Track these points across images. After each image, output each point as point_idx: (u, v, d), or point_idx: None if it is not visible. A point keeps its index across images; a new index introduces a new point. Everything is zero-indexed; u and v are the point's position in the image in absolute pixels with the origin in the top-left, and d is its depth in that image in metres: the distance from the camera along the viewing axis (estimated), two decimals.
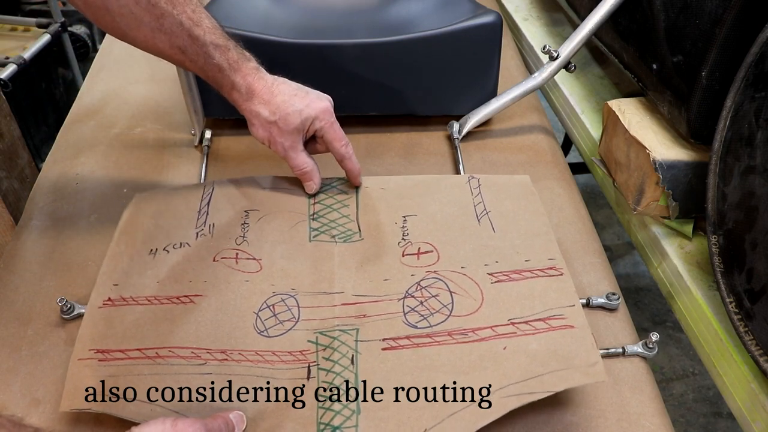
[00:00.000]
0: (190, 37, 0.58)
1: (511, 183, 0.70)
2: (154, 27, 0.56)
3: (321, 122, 0.64)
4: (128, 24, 0.56)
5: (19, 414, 0.53)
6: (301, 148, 0.65)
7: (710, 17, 0.65)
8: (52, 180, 0.77)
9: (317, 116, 0.64)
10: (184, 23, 0.57)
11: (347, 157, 0.66)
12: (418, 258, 0.62)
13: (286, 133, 0.63)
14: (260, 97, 0.62)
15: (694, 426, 1.35)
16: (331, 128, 0.65)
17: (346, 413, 0.49)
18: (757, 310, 0.56)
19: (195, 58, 0.59)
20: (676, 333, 1.50)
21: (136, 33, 0.57)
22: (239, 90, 0.62)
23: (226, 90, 0.63)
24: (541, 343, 0.53)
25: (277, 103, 0.62)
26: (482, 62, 0.82)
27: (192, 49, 0.59)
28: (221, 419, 0.47)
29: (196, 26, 0.58)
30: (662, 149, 0.71)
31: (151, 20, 0.56)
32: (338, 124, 0.65)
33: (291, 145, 0.64)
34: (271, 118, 0.63)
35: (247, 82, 0.62)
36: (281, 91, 0.63)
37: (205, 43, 0.59)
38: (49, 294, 0.62)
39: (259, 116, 0.63)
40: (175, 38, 0.57)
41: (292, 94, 0.63)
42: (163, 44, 0.58)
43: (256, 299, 0.58)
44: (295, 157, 0.65)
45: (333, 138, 0.65)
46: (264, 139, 0.65)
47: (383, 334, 0.55)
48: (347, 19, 0.88)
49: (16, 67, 1.44)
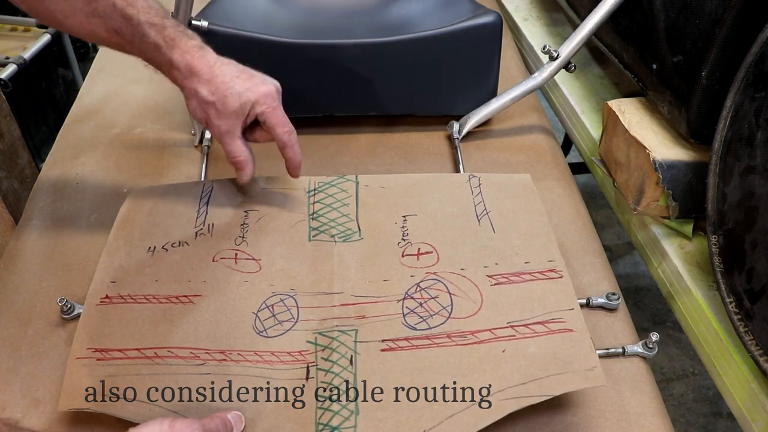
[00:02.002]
0: (123, 17, 0.56)
1: (512, 182, 0.70)
2: (88, 12, 0.55)
3: (262, 107, 0.61)
4: (62, 11, 0.55)
5: (19, 414, 0.53)
6: (238, 134, 0.62)
7: (710, 17, 0.65)
8: (52, 180, 0.77)
9: (258, 100, 0.60)
10: (116, 4, 0.56)
11: (289, 144, 0.63)
12: (417, 259, 0.62)
13: (223, 116, 0.60)
14: (200, 75, 0.59)
15: (694, 426, 1.34)
16: (273, 113, 0.61)
17: (344, 413, 0.49)
18: (757, 310, 0.56)
19: (131, 38, 0.58)
20: (676, 333, 1.50)
21: (72, 20, 0.56)
22: (178, 67, 0.59)
23: (166, 69, 0.60)
24: (540, 347, 0.53)
25: (217, 83, 0.59)
26: (482, 62, 0.81)
27: (127, 30, 0.57)
28: (219, 419, 0.47)
29: (130, 6, 0.56)
30: (662, 149, 0.71)
31: (83, 5, 0.55)
32: (282, 110, 0.62)
33: (228, 129, 0.61)
34: (209, 98, 0.60)
35: (185, 60, 0.59)
36: (223, 71, 0.60)
37: (140, 22, 0.57)
38: (49, 294, 0.62)
39: (197, 95, 0.60)
40: (109, 20, 0.56)
41: (234, 76, 0.60)
42: (99, 28, 0.57)
43: (256, 299, 0.58)
44: (230, 143, 0.62)
45: (275, 123, 0.62)
46: (201, 119, 0.62)
47: (382, 336, 0.55)
48: (347, 19, 0.88)
49: (16, 67, 1.44)
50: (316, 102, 0.82)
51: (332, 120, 0.84)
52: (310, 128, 0.85)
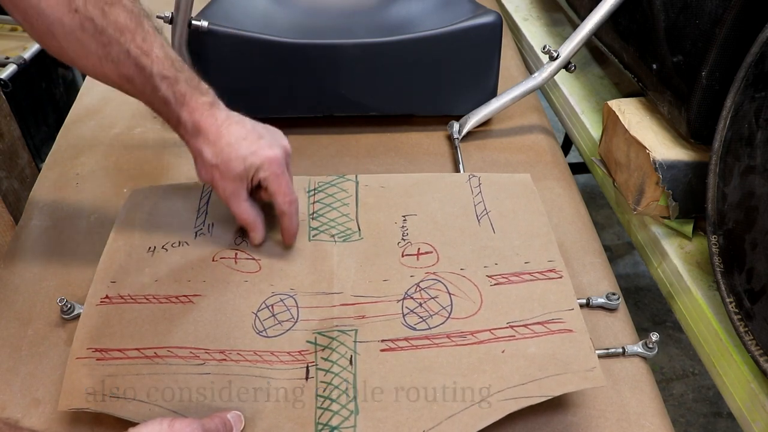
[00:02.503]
0: (137, 66, 0.54)
1: (512, 182, 0.70)
2: (101, 55, 0.53)
3: (266, 172, 0.58)
4: (75, 51, 0.54)
5: (19, 414, 0.53)
6: (244, 197, 0.60)
7: (710, 17, 0.65)
8: (52, 180, 0.77)
9: (261, 166, 0.58)
10: (131, 51, 0.54)
11: (288, 214, 0.61)
12: (417, 259, 0.62)
13: (227, 179, 0.58)
14: (206, 136, 0.58)
15: (694, 426, 1.35)
16: (275, 180, 0.59)
17: (344, 413, 0.49)
18: (757, 310, 0.56)
19: (142, 88, 0.56)
20: (676, 333, 1.50)
21: (85, 61, 0.54)
22: (185, 126, 0.58)
23: (173, 125, 0.59)
24: (539, 347, 0.53)
25: (222, 146, 0.57)
26: (482, 62, 0.81)
27: (139, 80, 0.55)
28: (219, 419, 0.47)
29: (144, 55, 0.54)
30: (662, 149, 0.71)
31: (98, 48, 0.53)
32: (287, 176, 0.60)
33: (233, 192, 0.59)
34: (213, 161, 0.58)
35: (193, 119, 0.57)
36: (231, 132, 0.58)
37: (152, 74, 0.55)
38: (49, 294, 0.62)
39: (202, 155, 0.58)
40: (121, 67, 0.54)
41: (241, 138, 0.58)
42: (111, 73, 0.55)
43: (255, 299, 0.58)
44: (236, 205, 0.60)
45: (276, 191, 0.59)
46: (207, 181, 0.60)
47: (382, 336, 0.55)
48: (347, 19, 0.88)
49: (16, 67, 1.44)
50: (316, 102, 0.82)
51: (332, 120, 0.84)
52: (310, 128, 0.85)
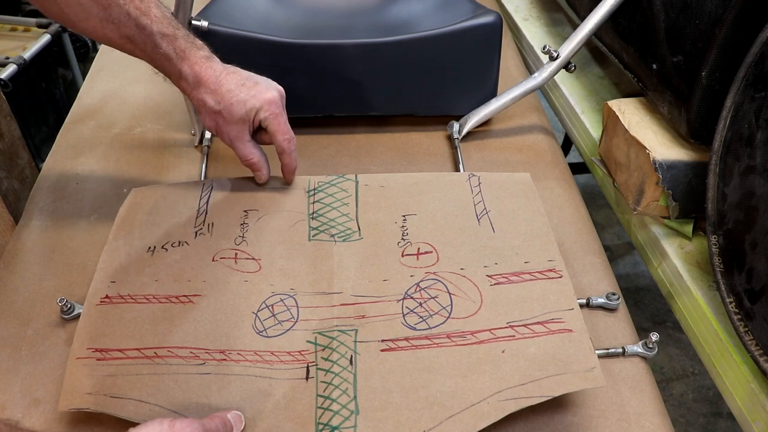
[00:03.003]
0: (137, 26, 0.58)
1: (511, 181, 0.70)
2: (102, 17, 0.57)
3: (265, 113, 0.64)
4: (76, 14, 0.56)
5: (19, 414, 0.53)
6: (247, 138, 0.65)
7: (710, 17, 0.65)
8: (52, 180, 0.77)
9: (261, 107, 0.63)
10: (131, 13, 0.57)
11: (287, 151, 0.66)
12: (417, 258, 0.62)
13: (230, 123, 0.63)
14: (207, 86, 0.62)
15: (694, 426, 1.34)
16: (275, 120, 0.64)
17: (344, 413, 0.49)
18: (757, 310, 0.56)
19: (143, 47, 0.60)
20: (676, 333, 1.50)
21: (85, 23, 0.57)
22: (186, 79, 0.62)
23: (175, 79, 0.63)
24: (539, 347, 0.53)
25: (223, 92, 0.62)
26: (482, 62, 0.81)
27: (140, 39, 0.59)
28: (219, 419, 0.47)
29: (144, 15, 0.58)
30: (662, 149, 0.71)
31: (98, 11, 0.56)
32: (285, 116, 0.65)
33: (236, 135, 0.64)
34: (216, 108, 0.62)
35: (194, 71, 0.62)
36: (229, 80, 0.63)
37: (152, 33, 0.59)
38: (49, 294, 0.62)
39: (205, 105, 0.63)
40: (123, 28, 0.58)
41: (240, 84, 0.63)
42: (112, 34, 0.58)
43: (255, 299, 0.58)
44: (242, 148, 0.65)
45: (276, 130, 0.65)
46: (211, 128, 0.65)
47: (382, 336, 0.55)
48: (347, 19, 0.88)
49: (16, 67, 1.44)
50: (316, 102, 0.82)
51: (332, 120, 0.84)
52: (310, 128, 0.85)
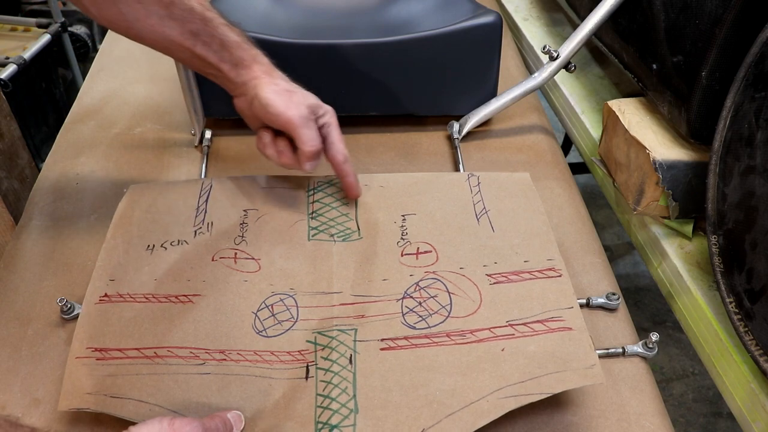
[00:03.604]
0: (203, 20, 0.58)
1: (511, 181, 0.70)
2: (163, 15, 0.57)
3: (332, 118, 0.64)
4: (136, 14, 0.56)
5: (19, 414, 0.53)
6: (314, 123, 0.62)
7: (710, 17, 0.65)
8: (52, 180, 0.77)
9: (330, 110, 0.64)
10: (195, 8, 0.58)
11: (349, 160, 0.65)
12: (417, 258, 0.62)
13: (303, 104, 0.62)
14: (280, 75, 0.63)
15: (694, 426, 1.35)
16: (337, 129, 0.64)
17: (344, 412, 0.49)
18: (757, 310, 0.56)
19: (208, 39, 0.59)
20: (676, 333, 1.50)
21: (143, 23, 0.57)
22: (261, 63, 0.62)
23: (247, 63, 0.62)
24: (539, 345, 0.53)
25: (296, 85, 0.63)
26: (482, 62, 0.81)
27: (205, 32, 0.59)
28: (219, 419, 0.47)
29: (208, 11, 0.59)
30: (662, 149, 0.71)
31: (159, 8, 0.56)
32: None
33: (307, 117, 0.61)
34: (291, 88, 0.62)
35: (268, 60, 0.63)
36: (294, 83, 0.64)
37: (219, 24, 0.59)
38: (49, 294, 0.62)
39: (279, 84, 0.62)
40: (187, 23, 0.58)
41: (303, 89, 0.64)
42: (173, 31, 0.58)
43: (255, 299, 0.58)
44: (309, 131, 0.61)
45: (339, 139, 0.64)
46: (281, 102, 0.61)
47: (382, 335, 0.55)
48: (347, 19, 0.88)
49: (16, 67, 1.44)
50: None
51: None
52: None
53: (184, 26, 0.58)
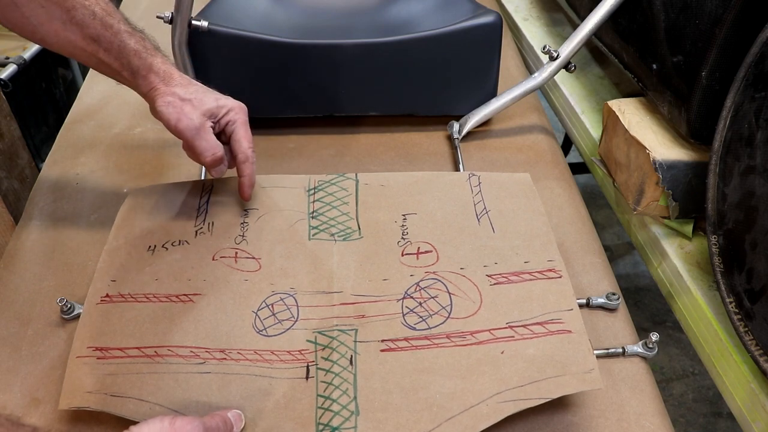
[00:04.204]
0: (103, 25, 0.58)
1: (511, 181, 0.70)
2: (65, 19, 0.56)
3: (236, 115, 0.62)
4: (38, 18, 0.56)
5: (19, 414, 0.53)
6: (210, 130, 0.61)
7: (710, 17, 0.65)
8: (52, 180, 0.77)
9: (233, 108, 0.62)
10: (96, 13, 0.57)
11: (252, 160, 0.63)
12: (417, 258, 0.62)
13: (198, 111, 0.60)
14: (178, 82, 0.61)
15: (694, 426, 1.34)
16: (243, 125, 0.63)
17: (345, 414, 0.49)
18: (757, 310, 0.56)
19: (109, 45, 0.58)
20: (676, 333, 1.50)
21: (47, 28, 0.56)
22: (158, 72, 0.60)
23: (144, 72, 0.60)
24: (538, 348, 0.53)
25: (196, 88, 0.62)
26: (482, 62, 0.81)
27: (106, 37, 0.58)
28: (219, 418, 0.47)
29: (109, 16, 0.58)
30: (662, 149, 0.71)
31: (62, 13, 0.56)
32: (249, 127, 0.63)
33: (201, 125, 0.60)
34: (185, 96, 0.60)
35: (167, 67, 0.61)
36: (200, 84, 0.62)
37: (120, 31, 0.58)
38: (49, 294, 0.62)
39: (174, 93, 0.60)
40: (87, 28, 0.57)
41: (210, 90, 0.63)
42: (75, 36, 0.57)
43: (255, 298, 0.58)
44: (207, 139, 0.60)
45: (243, 136, 0.63)
46: (172, 114, 0.60)
47: (382, 335, 0.55)
48: (347, 19, 0.88)
49: (16, 67, 1.44)
50: (316, 102, 0.82)
51: (332, 120, 0.84)
52: (310, 128, 0.85)
53: (85, 31, 0.57)
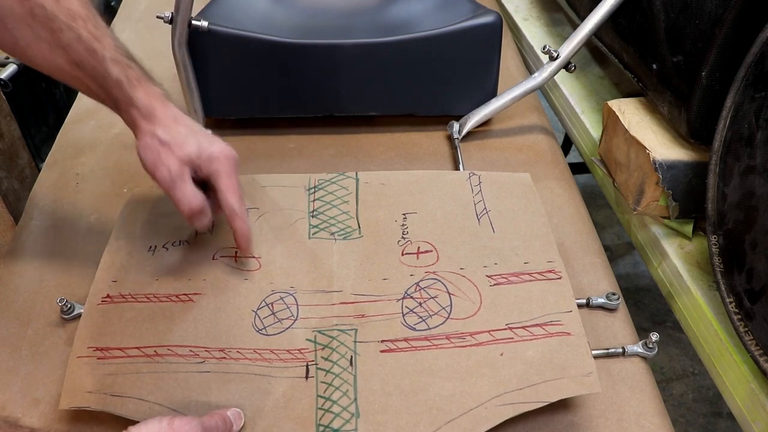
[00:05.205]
0: (88, 50, 0.54)
1: (512, 181, 0.70)
2: (51, 41, 0.53)
3: (219, 165, 0.56)
4: (26, 39, 0.53)
5: (19, 414, 0.53)
6: (190, 180, 0.55)
7: (710, 17, 0.65)
8: (52, 180, 0.77)
9: (217, 157, 0.56)
10: (82, 36, 0.54)
11: (239, 214, 0.57)
12: (417, 258, 0.62)
13: (176, 157, 0.54)
14: (161, 119, 0.55)
15: (694, 426, 1.34)
16: (228, 176, 0.56)
17: (345, 416, 0.49)
18: (757, 310, 0.56)
19: (92, 72, 0.55)
20: (676, 333, 1.50)
21: (35, 49, 0.54)
22: (138, 107, 0.55)
23: (124, 106, 0.56)
24: (537, 350, 0.53)
25: (179, 130, 0.55)
26: (482, 62, 0.81)
27: (89, 63, 0.54)
28: (218, 417, 0.47)
29: (96, 40, 0.54)
30: (662, 149, 0.71)
31: (48, 34, 0.53)
32: (237, 179, 0.57)
33: (179, 173, 0.54)
34: (164, 138, 0.55)
35: (149, 102, 0.56)
36: (186, 123, 0.57)
37: (104, 58, 0.54)
38: (49, 294, 0.62)
39: (153, 134, 0.55)
40: (72, 52, 0.54)
41: (197, 131, 0.57)
42: (61, 59, 0.54)
43: (255, 297, 0.58)
44: (184, 189, 0.54)
45: (227, 187, 0.56)
46: (149, 160, 0.55)
47: (382, 336, 0.55)
48: (347, 19, 0.88)
49: (16, 67, 1.44)
50: (316, 102, 0.82)
51: (332, 120, 0.84)
52: (310, 128, 0.85)
53: (70, 55, 0.54)
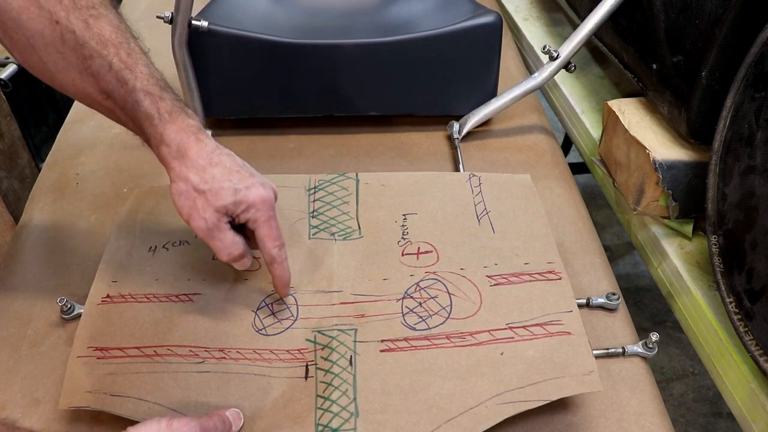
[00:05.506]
0: (118, 80, 0.51)
1: (512, 182, 0.70)
2: (82, 68, 0.50)
3: (257, 213, 0.53)
4: (55, 64, 0.50)
5: (19, 414, 0.53)
6: (226, 228, 0.53)
7: (710, 17, 0.65)
8: (52, 180, 0.77)
9: (254, 204, 0.53)
10: (113, 65, 0.50)
11: (278, 260, 0.55)
12: (417, 258, 0.62)
13: (213, 207, 0.52)
14: (193, 160, 0.52)
15: (694, 426, 1.34)
16: (267, 223, 0.54)
17: (344, 415, 0.49)
18: (757, 310, 0.56)
19: (122, 104, 0.52)
20: (676, 333, 1.50)
21: (65, 75, 0.51)
22: (168, 144, 0.52)
23: (155, 143, 0.52)
24: (538, 350, 0.53)
25: (213, 173, 0.52)
26: (482, 62, 0.81)
27: (119, 94, 0.51)
28: (217, 417, 0.47)
29: (127, 70, 0.51)
30: (662, 149, 0.71)
31: (78, 61, 0.50)
32: (276, 221, 0.55)
33: (217, 223, 0.52)
34: (200, 186, 0.51)
35: (180, 138, 0.52)
36: (221, 162, 0.53)
37: (135, 88, 0.51)
38: (49, 294, 0.62)
39: (187, 180, 0.52)
40: (101, 81, 0.51)
41: (233, 170, 0.53)
42: (91, 88, 0.51)
43: (255, 297, 0.58)
44: (223, 238, 0.53)
45: (266, 235, 0.54)
46: (183, 208, 0.52)
47: (381, 336, 0.55)
48: (347, 19, 0.88)
49: (17, 67, 1.44)
50: (316, 102, 0.82)
51: (332, 120, 0.84)
52: (310, 128, 0.85)
53: (100, 84, 0.51)
